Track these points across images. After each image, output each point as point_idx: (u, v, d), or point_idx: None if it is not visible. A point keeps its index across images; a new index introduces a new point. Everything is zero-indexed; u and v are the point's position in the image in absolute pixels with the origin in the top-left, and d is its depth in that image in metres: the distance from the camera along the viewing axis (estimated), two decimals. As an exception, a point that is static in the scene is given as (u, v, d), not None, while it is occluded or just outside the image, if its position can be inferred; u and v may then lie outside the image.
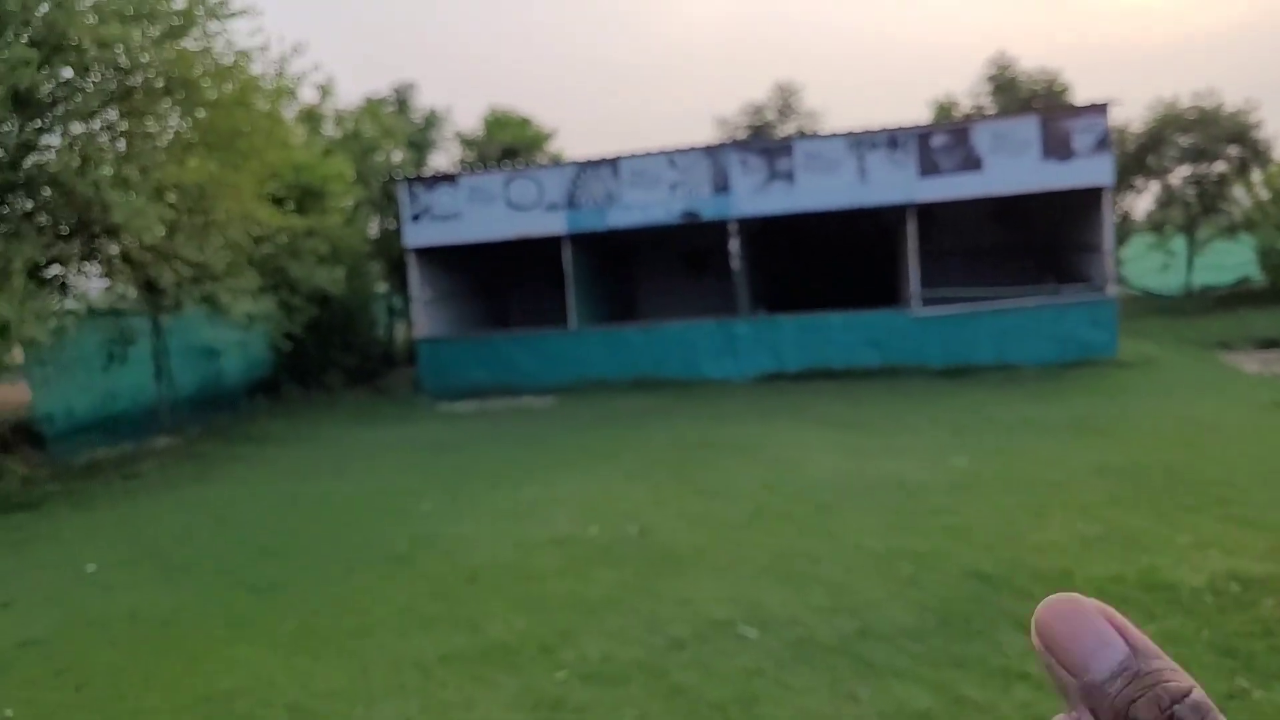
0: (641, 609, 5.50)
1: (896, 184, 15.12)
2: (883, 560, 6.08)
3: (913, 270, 15.48)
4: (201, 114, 11.47)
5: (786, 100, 24.73)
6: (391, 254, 20.76)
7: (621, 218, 16.15)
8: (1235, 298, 23.48)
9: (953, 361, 15.23)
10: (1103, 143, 14.40)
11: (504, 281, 22.20)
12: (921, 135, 15.02)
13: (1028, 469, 8.40)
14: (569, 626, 5.29)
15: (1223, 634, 4.56)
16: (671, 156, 15.91)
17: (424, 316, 17.34)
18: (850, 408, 12.63)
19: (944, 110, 24.13)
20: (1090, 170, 14.45)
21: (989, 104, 24.27)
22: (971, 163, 14.81)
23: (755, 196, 15.67)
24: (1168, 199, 23.47)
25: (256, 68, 12.31)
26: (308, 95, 18.03)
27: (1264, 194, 22.42)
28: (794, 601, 5.45)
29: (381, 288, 21.67)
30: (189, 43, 11.03)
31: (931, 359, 15.38)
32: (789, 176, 15.48)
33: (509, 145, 22.91)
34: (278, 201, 14.18)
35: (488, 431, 12.92)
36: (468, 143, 24.40)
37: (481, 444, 11.87)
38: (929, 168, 14.99)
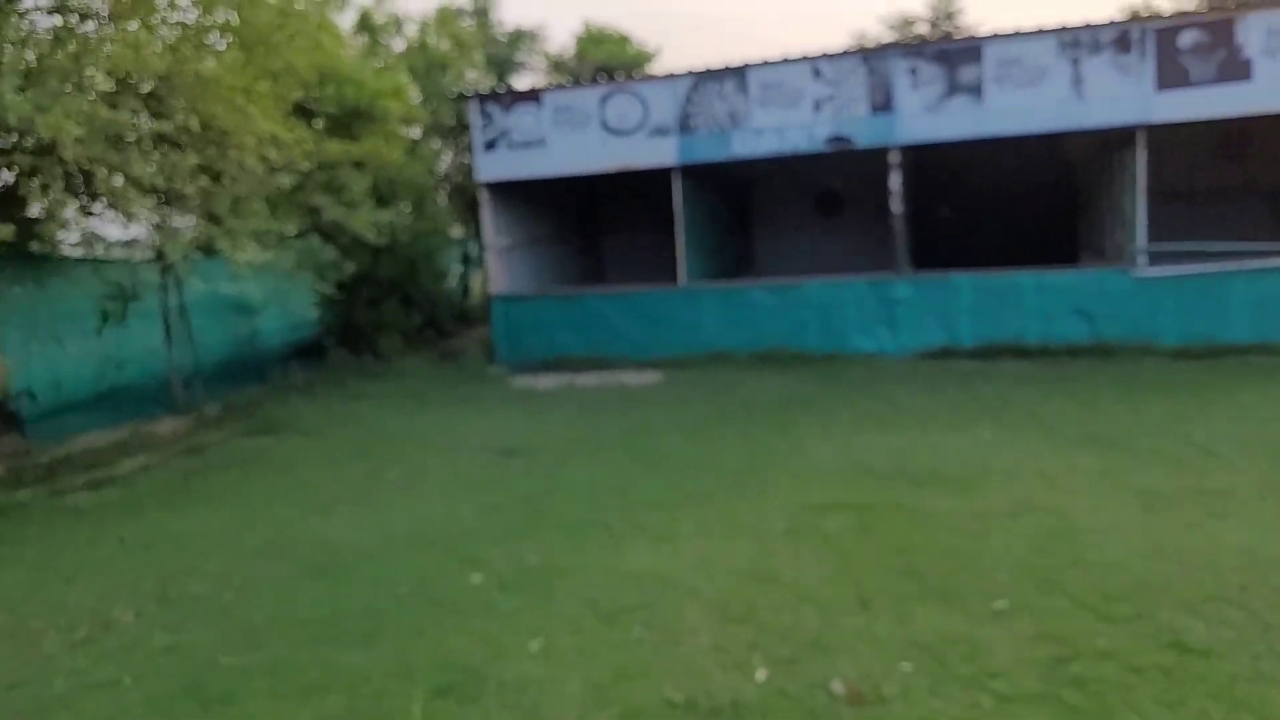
0: None
1: (1126, 99, 11.15)
2: None
3: (1140, 216, 11.53)
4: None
5: (946, 11, 20.46)
6: (466, 192, 17.59)
7: (750, 145, 12.56)
8: None
9: (1192, 338, 11.32)
10: None
11: (598, 225, 18.83)
12: (1162, 31, 10.97)
13: None
14: None
15: None
16: (816, 64, 12.19)
17: (499, 268, 14.13)
18: (1081, 407, 8.94)
19: (1134, 15, 19.41)
20: None
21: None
22: (1236, 69, 10.73)
23: (928, 117, 11.87)
24: None
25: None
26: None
27: None
28: None
29: (455, 232, 18.55)
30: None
31: (1163, 334, 11.49)
32: (975, 90, 11.62)
33: (605, 65, 19.37)
34: (310, 120, 11.02)
35: (575, 426, 9.66)
36: (557, 65, 20.94)
37: (566, 450, 8.61)
38: (1172, 77, 10.96)
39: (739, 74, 12.49)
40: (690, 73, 12.70)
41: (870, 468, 7.40)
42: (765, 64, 12.38)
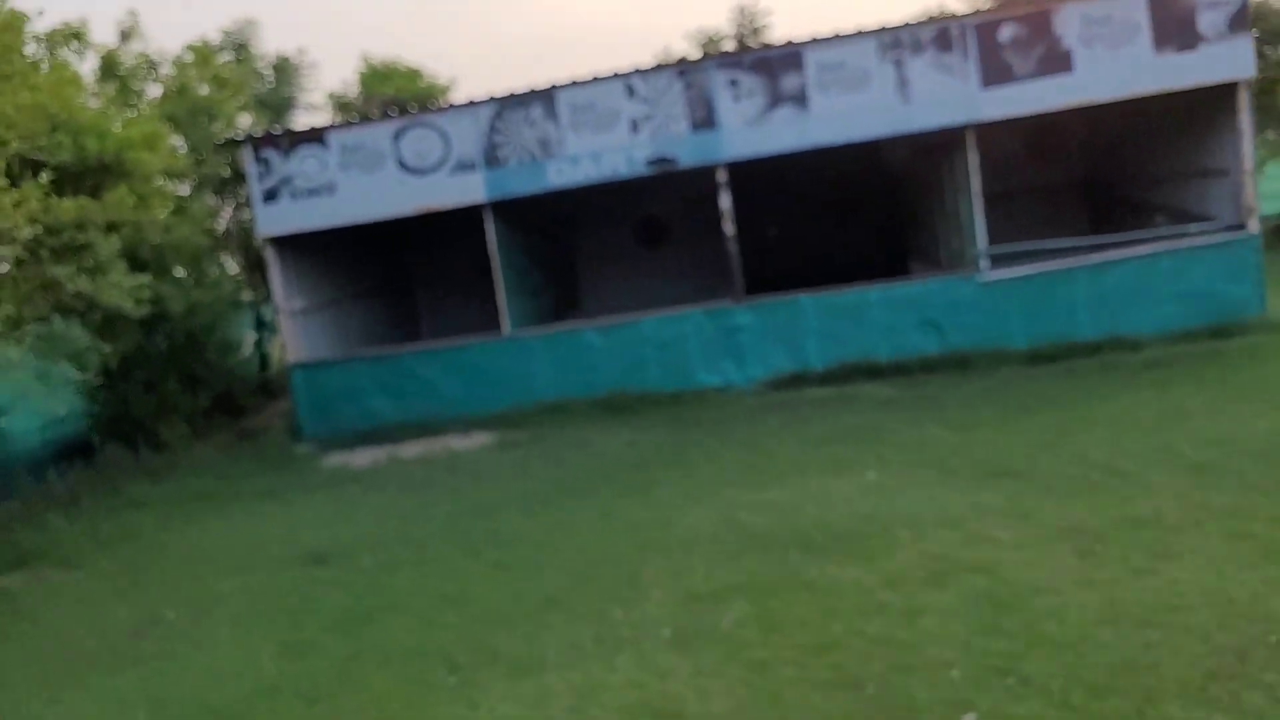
0: None
1: (952, 98, 10.77)
2: None
3: (978, 219, 11.17)
4: None
5: (752, 25, 20.10)
6: (253, 251, 15.62)
7: (566, 174, 11.43)
8: None
9: (1042, 340, 11.00)
10: (1239, 19, 10.29)
11: (409, 277, 17.22)
12: (983, 27, 10.67)
13: None
14: None
15: None
16: (630, 81, 11.23)
17: (296, 332, 12.36)
18: (958, 432, 8.24)
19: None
20: (1222, 60, 10.33)
21: None
22: (1057, 61, 10.53)
23: (752, 130, 11.12)
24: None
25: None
26: (102, 36, 12.64)
27: None
28: None
29: (245, 296, 16.49)
30: None
31: (1013, 338, 11.14)
32: (799, 99, 10.97)
33: (395, 100, 17.83)
34: (36, 175, 9.02)
35: (397, 514, 8.14)
36: (341, 104, 19.22)
37: (388, 549, 7.12)
38: (996, 73, 10.67)
39: (547, 96, 11.36)
40: (493, 99, 11.47)
41: (752, 533, 6.35)
42: (575, 84, 11.31)
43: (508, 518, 7.51)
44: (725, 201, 11.51)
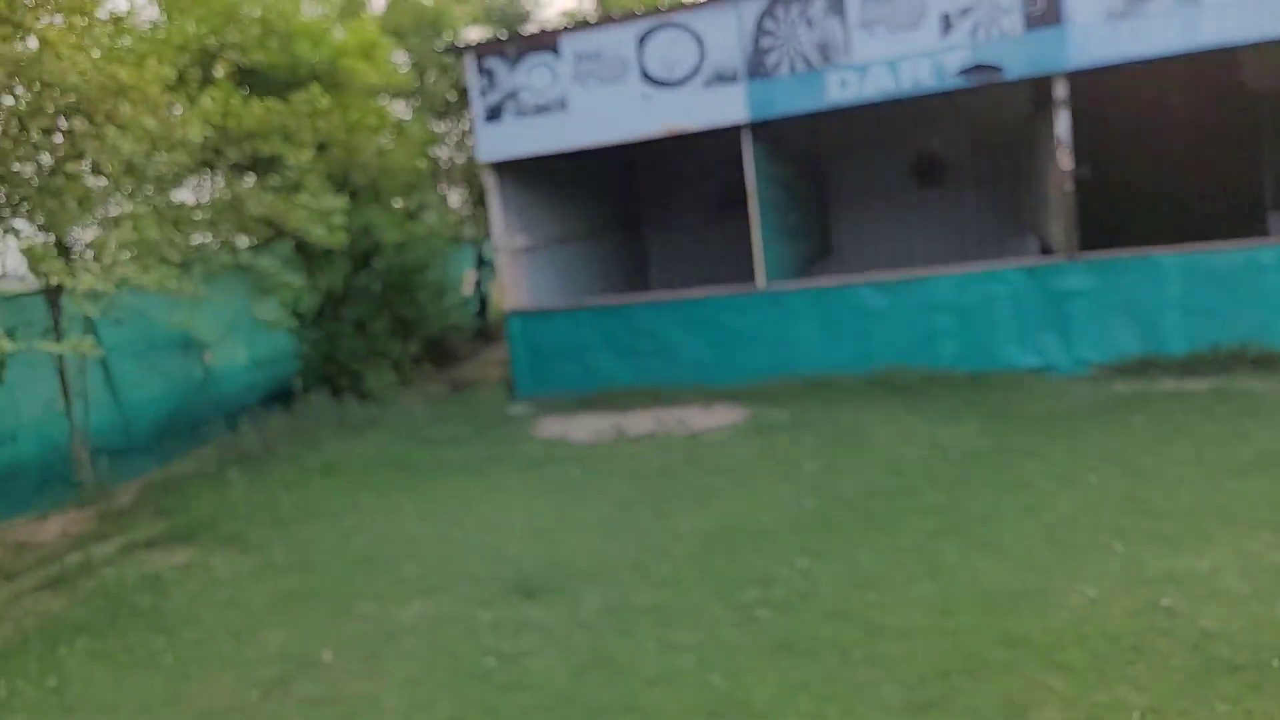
0: None
1: None
2: None
3: None
4: None
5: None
6: (475, 181, 14.19)
7: (853, 87, 8.96)
8: None
9: None
10: None
11: (642, 211, 15.30)
12: None
13: None
14: None
15: None
16: (944, -35, 8.57)
17: (515, 275, 10.70)
18: None
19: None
20: None
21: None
22: None
23: (1117, 24, 8.20)
24: None
25: None
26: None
27: None
28: None
29: (466, 232, 15.16)
30: None
31: None
32: (1188, -19, 7.93)
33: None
34: (247, 84, 7.61)
35: (627, 525, 6.18)
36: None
37: (618, 585, 5.15)
38: None
39: (832, -12, 8.91)
40: (761, -7, 9.14)
41: (1199, 638, 3.89)
42: (869, -28, 8.79)
43: (782, 554, 5.36)
44: (1063, 125, 8.65)
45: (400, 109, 13.11)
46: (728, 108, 9.40)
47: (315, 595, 5.52)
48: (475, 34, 14.15)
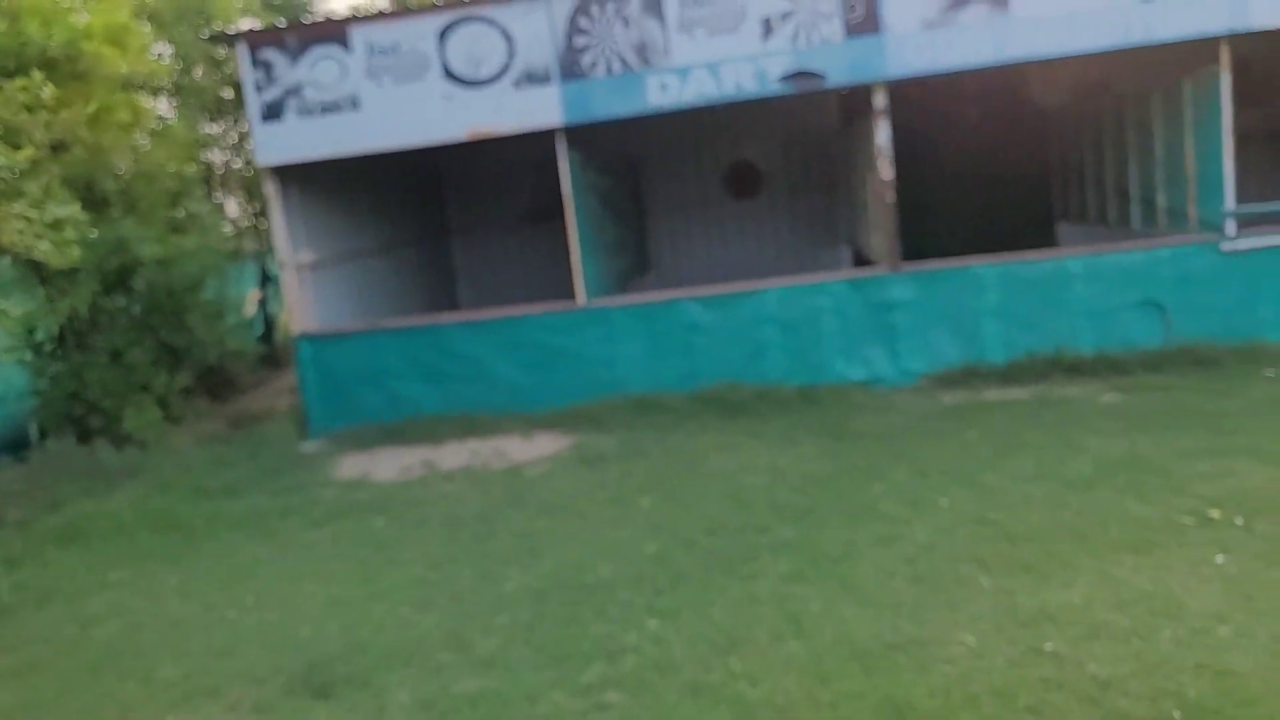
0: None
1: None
2: None
3: (1226, 162, 8.11)
4: None
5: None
6: (257, 189, 12.75)
7: (672, 91, 8.44)
8: None
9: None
10: None
11: (448, 221, 14.29)
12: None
13: None
14: None
15: None
16: (763, -35, 8.21)
17: (304, 294, 9.52)
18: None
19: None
20: None
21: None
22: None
23: (932, 34, 8.09)
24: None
25: None
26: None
27: None
28: None
29: (247, 244, 13.64)
30: None
31: (1266, 328, 8.19)
32: (999, -9, 7.92)
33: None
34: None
35: (449, 597, 5.29)
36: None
37: (442, 676, 4.28)
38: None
39: (649, -15, 8.36)
40: (574, -13, 8.48)
41: (1091, 687, 3.49)
42: (687, -31, 8.31)
43: (627, 614, 4.66)
44: (883, 135, 8.49)
45: (164, 107, 11.54)
46: (540, 110, 8.66)
47: (36, 712, 4.31)
48: (252, 24, 12.73)
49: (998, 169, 13.32)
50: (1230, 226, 8.25)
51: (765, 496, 6.11)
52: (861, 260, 13.14)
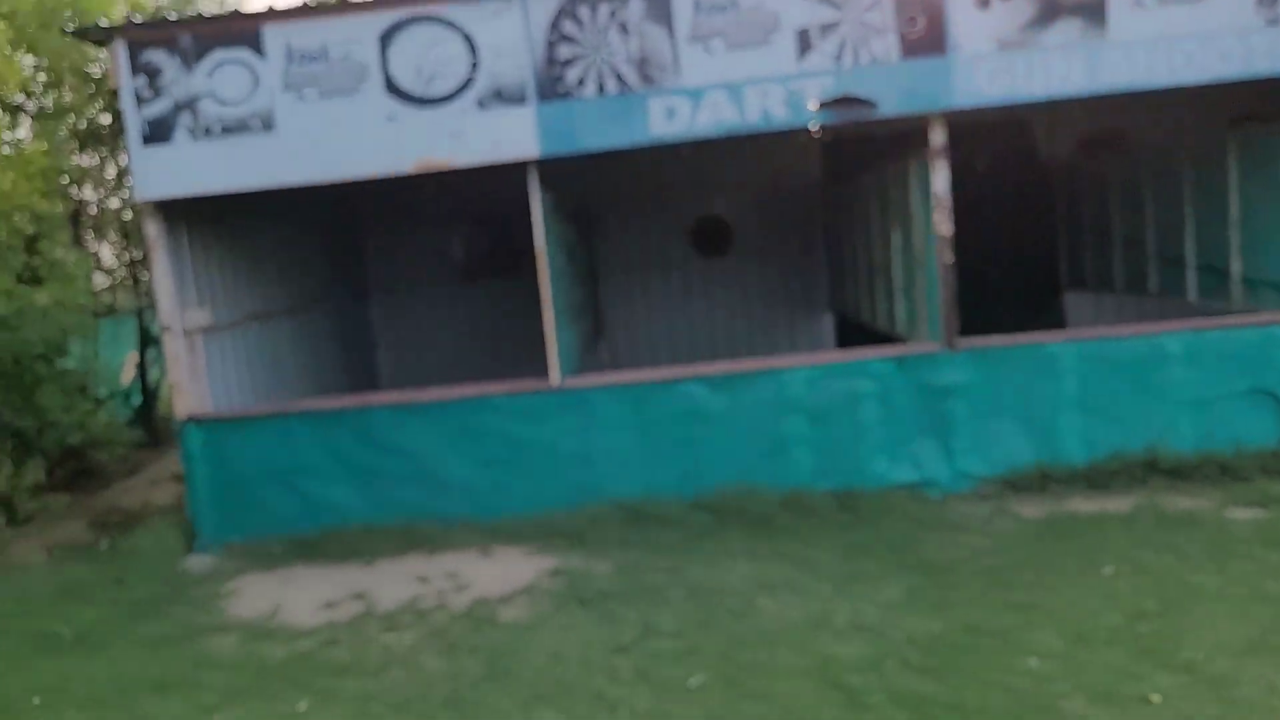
0: None
1: None
2: None
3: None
4: None
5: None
6: (136, 232, 10.46)
7: (681, 118, 6.67)
8: None
9: None
10: None
11: (365, 276, 12.18)
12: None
13: None
14: None
15: None
16: (799, -35, 6.58)
17: (194, 366, 7.33)
18: None
19: None
20: None
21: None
22: None
23: (1011, 57, 6.54)
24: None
25: None
26: None
27: None
28: None
29: (124, 302, 11.28)
30: None
31: None
32: (1093, 10, 6.44)
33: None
34: None
35: None
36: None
37: None
38: None
39: (653, -13, 6.63)
40: (556, -15, 6.68)
41: None
42: (701, -31, 6.61)
43: None
44: (941, 179, 6.87)
45: (20, 130, 9.25)
46: (510, 138, 6.77)
47: None
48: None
49: (1003, 230, 11.91)
50: (1346, 300, 6.88)
51: (876, 681, 4.22)
52: (848, 330, 11.62)
